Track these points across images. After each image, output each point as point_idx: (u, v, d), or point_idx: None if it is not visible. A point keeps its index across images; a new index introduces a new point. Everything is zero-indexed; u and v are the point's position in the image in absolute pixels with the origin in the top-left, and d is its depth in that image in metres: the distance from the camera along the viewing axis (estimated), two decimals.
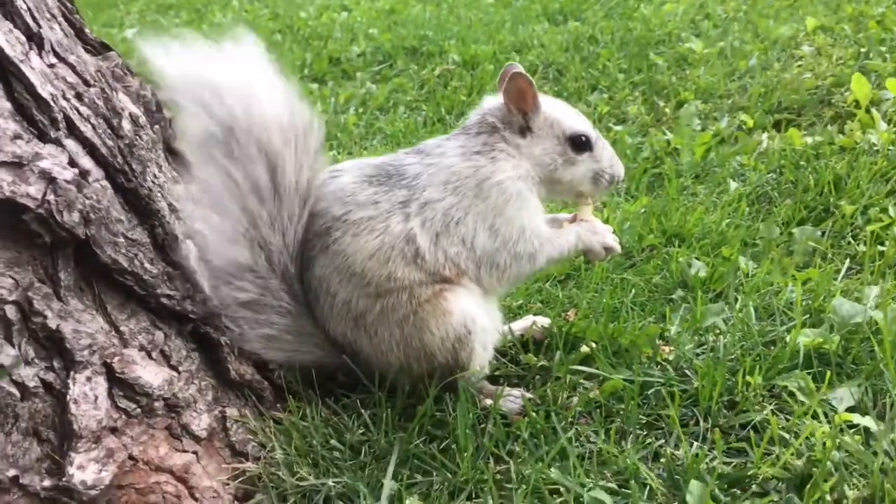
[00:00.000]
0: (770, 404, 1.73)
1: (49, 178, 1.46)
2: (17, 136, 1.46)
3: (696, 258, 2.34)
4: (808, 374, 1.79)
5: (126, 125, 1.77)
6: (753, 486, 1.52)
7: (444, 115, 4.12)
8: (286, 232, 1.70)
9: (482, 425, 1.73)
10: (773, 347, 1.90)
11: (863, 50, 3.89)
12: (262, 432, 1.71)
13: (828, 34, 4.31)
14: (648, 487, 1.53)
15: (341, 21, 6.33)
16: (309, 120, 1.71)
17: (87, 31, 1.94)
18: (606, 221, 2.21)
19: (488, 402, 1.80)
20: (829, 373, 1.76)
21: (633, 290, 2.19)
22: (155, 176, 1.83)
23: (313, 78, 5.10)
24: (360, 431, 1.72)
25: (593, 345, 1.93)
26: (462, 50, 4.98)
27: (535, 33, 5.22)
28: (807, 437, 1.60)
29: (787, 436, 1.63)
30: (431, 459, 1.65)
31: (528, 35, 5.19)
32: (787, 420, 1.69)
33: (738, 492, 1.52)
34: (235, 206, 1.67)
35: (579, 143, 1.83)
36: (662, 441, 1.67)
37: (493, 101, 1.85)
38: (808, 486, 1.48)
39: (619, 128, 3.64)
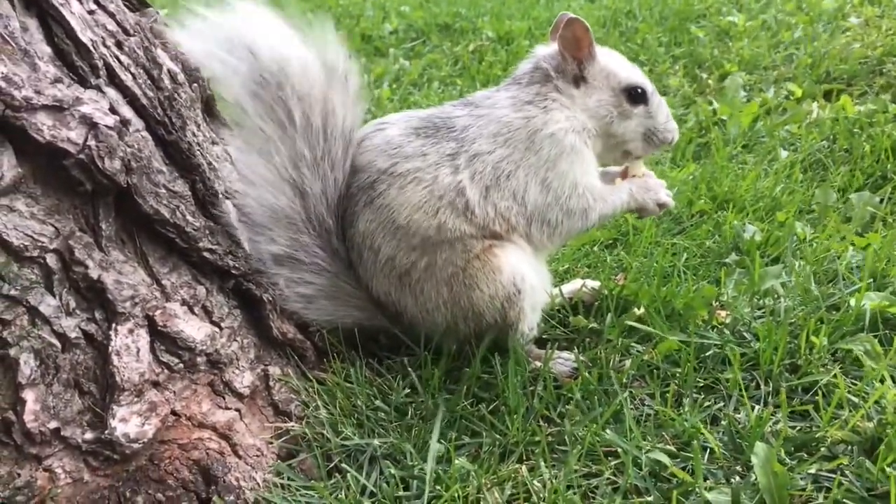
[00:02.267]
0: (835, 367, 1.65)
1: (90, 124, 1.41)
2: (57, 80, 1.41)
3: (750, 223, 2.25)
4: (874, 337, 1.71)
5: (166, 79, 1.72)
6: (821, 450, 1.45)
7: (479, 90, 4.05)
8: (326, 177, 1.65)
9: (531, 388, 1.67)
10: (835, 312, 1.82)
11: None
12: (305, 392, 1.66)
13: (875, 5, 4.18)
14: (709, 450, 1.46)
15: (373, 0, 6.27)
16: (345, 61, 1.67)
17: None
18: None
19: (537, 364, 1.74)
20: (895, 337, 1.67)
21: (685, 255, 2.11)
22: (194, 133, 1.78)
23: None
24: (406, 392, 1.67)
25: (645, 307, 1.86)
26: (496, 26, 4.90)
27: (571, 8, 5.12)
28: (876, 401, 1.52)
29: (854, 399, 1.55)
30: (480, 421, 1.60)
31: (564, 10, 5.08)
32: (854, 384, 1.61)
33: (805, 455, 1.44)
34: (282, 148, 1.63)
35: (635, 95, 1.75)
36: (721, 404, 1.60)
37: (546, 49, 1.77)
38: (880, 449, 1.40)
39: None
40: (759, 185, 2.49)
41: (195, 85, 1.93)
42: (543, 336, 1.89)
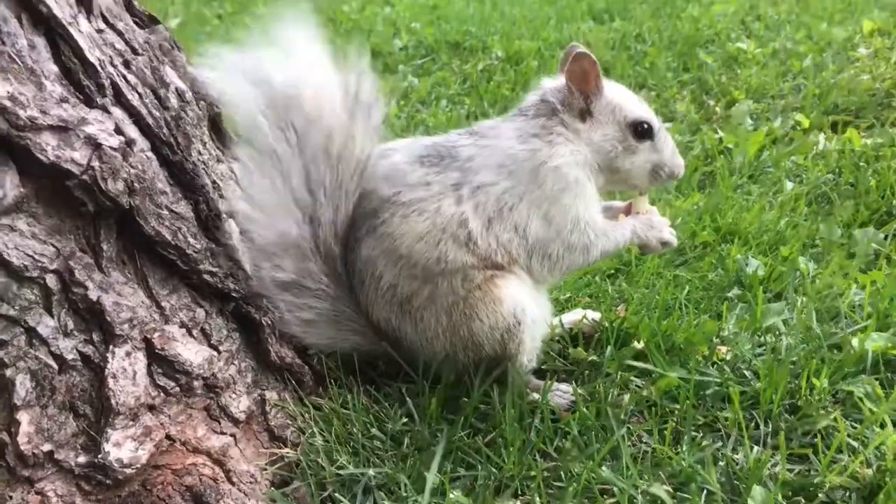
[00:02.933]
0: (836, 410, 1.63)
1: (94, 144, 1.41)
2: (63, 100, 1.41)
3: (753, 257, 2.24)
4: (876, 379, 1.70)
5: (173, 98, 1.72)
6: (819, 496, 1.43)
7: (486, 109, 4.05)
8: (339, 206, 1.64)
9: (529, 420, 1.66)
10: (837, 351, 1.81)
11: None
12: (301, 417, 1.65)
13: (885, 37, 4.18)
14: (706, 491, 1.45)
15: (384, 15, 6.29)
16: (373, 94, 1.65)
17: (135, 3, 1.90)
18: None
19: (535, 396, 1.73)
20: None
21: (687, 287, 2.10)
22: (199, 152, 1.79)
23: None
24: (403, 421, 1.66)
25: (646, 341, 1.85)
26: (506, 45, 4.91)
27: (581, 31, 5.13)
28: (877, 447, 1.51)
29: (854, 444, 1.54)
30: (476, 453, 1.59)
31: (574, 32, 5.10)
32: (854, 427, 1.60)
33: (803, 500, 1.43)
34: (299, 173, 1.62)
35: (641, 131, 1.75)
36: (720, 444, 1.59)
37: (552, 83, 1.77)
38: (879, 497, 1.39)
39: (667, 125, 3.54)
40: (764, 218, 2.48)
41: (202, 102, 1.93)
42: (542, 367, 1.88)
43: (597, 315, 1.98)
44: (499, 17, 5.74)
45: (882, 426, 1.58)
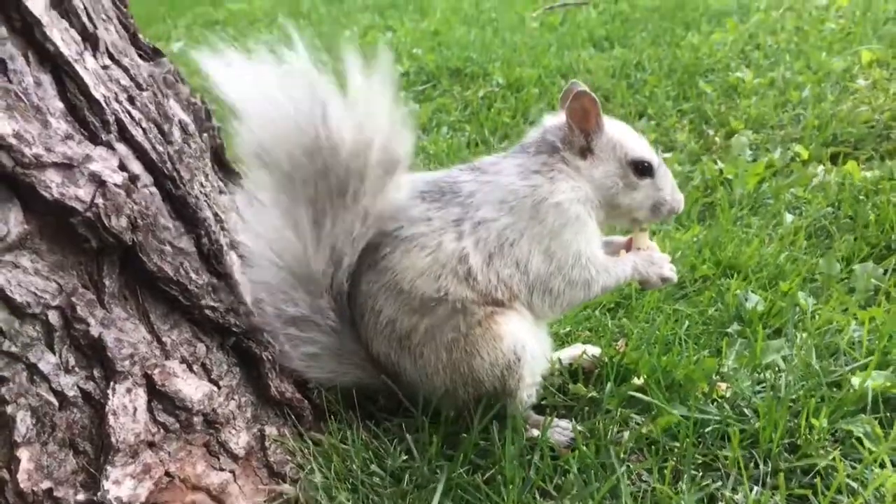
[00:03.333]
0: (835, 449, 1.63)
1: (99, 182, 1.42)
2: (68, 137, 1.42)
3: (753, 291, 2.25)
4: (875, 418, 1.70)
5: (176, 132, 1.74)
6: None
7: (487, 137, 4.07)
8: (357, 250, 1.65)
9: (528, 457, 1.66)
10: (836, 389, 1.81)
11: None
12: (300, 453, 1.65)
13: (884, 68, 4.20)
14: None
15: (386, 41, 6.33)
16: (407, 149, 1.63)
17: (140, 36, 1.92)
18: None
19: (535, 432, 1.73)
20: None
21: (687, 322, 2.10)
22: (202, 184, 1.80)
23: None
24: (402, 458, 1.65)
25: (645, 377, 1.85)
26: (506, 72, 4.94)
27: (581, 58, 5.16)
28: (876, 488, 1.51)
29: (854, 484, 1.54)
30: (476, 490, 1.58)
31: (574, 60, 5.13)
32: (854, 467, 1.60)
33: None
34: (334, 224, 1.60)
35: (642, 168, 1.76)
36: (720, 483, 1.59)
37: (554, 120, 1.78)
38: None
39: (667, 155, 3.56)
40: (763, 252, 2.49)
41: (205, 135, 1.95)
42: (542, 402, 1.88)
43: (596, 350, 1.98)
44: (500, 44, 5.77)
45: (882, 466, 1.58)
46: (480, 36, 6.10)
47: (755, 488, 1.56)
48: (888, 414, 1.73)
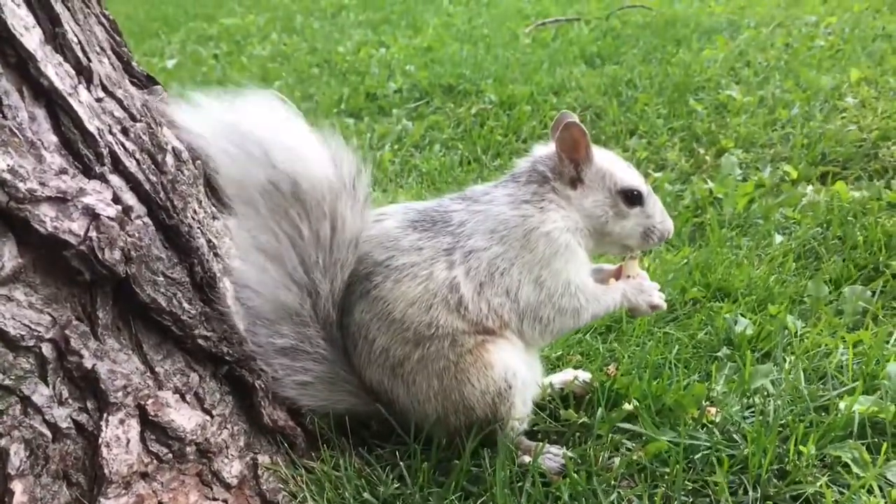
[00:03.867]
0: (823, 475, 1.65)
1: (92, 215, 1.44)
2: (62, 171, 1.44)
3: (742, 315, 2.27)
4: (863, 444, 1.71)
5: (169, 160, 1.75)
6: None
7: (479, 155, 4.10)
8: (335, 279, 1.67)
9: (520, 483, 1.67)
10: (824, 413, 1.83)
11: None
12: (293, 481, 1.66)
13: (872, 86, 4.25)
14: None
15: (378, 57, 6.37)
16: (355, 170, 1.66)
17: (133, 64, 1.94)
18: (648, 271, 2.15)
19: (526, 458, 1.74)
20: (884, 444, 1.68)
21: (677, 347, 2.12)
22: (195, 212, 1.81)
23: (349, 113, 5.12)
24: (395, 485, 1.66)
25: (636, 403, 1.86)
26: (499, 90, 4.98)
27: (573, 75, 5.21)
28: None
29: None
30: None
31: (566, 77, 5.17)
32: (842, 493, 1.61)
33: None
34: (293, 255, 1.63)
35: (631, 197, 1.78)
36: None
37: (544, 150, 1.81)
38: None
39: (658, 174, 3.59)
40: (753, 275, 2.51)
41: (198, 161, 1.96)
42: (534, 428, 1.89)
43: (587, 375, 2.00)
44: (492, 61, 5.81)
45: (870, 492, 1.60)
46: (473, 52, 6.15)
47: None
48: (875, 439, 1.74)
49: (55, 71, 1.49)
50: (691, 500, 1.63)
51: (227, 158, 1.58)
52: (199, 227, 1.78)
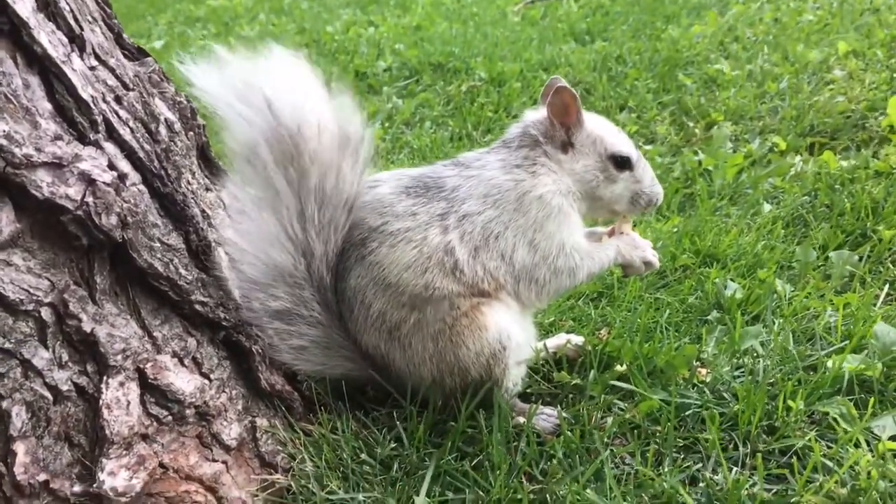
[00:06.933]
0: (811, 430, 1.69)
1: (88, 180, 1.45)
2: (57, 137, 1.45)
3: (732, 280, 2.30)
4: (850, 400, 1.75)
5: (163, 130, 1.76)
6: None
7: (470, 131, 4.11)
8: (329, 240, 1.68)
9: (515, 443, 1.70)
10: (812, 372, 1.86)
11: (895, 75, 3.85)
12: (291, 444, 1.68)
13: (860, 59, 4.27)
14: None
15: (368, 36, 6.35)
16: (361, 131, 1.68)
17: (125, 36, 1.94)
18: None
19: (520, 419, 1.77)
20: (871, 400, 1.71)
21: (668, 311, 2.15)
22: (188, 182, 1.82)
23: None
24: (391, 446, 1.69)
25: (628, 364, 1.89)
26: (489, 67, 4.97)
27: (563, 52, 5.21)
28: (850, 466, 1.56)
29: (829, 463, 1.59)
30: (463, 476, 1.62)
31: (555, 54, 5.18)
32: (830, 447, 1.65)
33: None
34: (291, 206, 1.64)
35: (621, 162, 1.80)
36: (700, 465, 1.63)
37: (535, 115, 1.83)
38: None
39: (648, 147, 3.61)
40: (742, 241, 2.54)
41: (191, 133, 1.97)
42: (528, 390, 1.92)
43: (580, 339, 2.03)
44: (481, 39, 5.81)
45: (856, 446, 1.63)
46: (462, 31, 6.14)
47: (734, 469, 1.61)
48: (863, 396, 1.78)
49: (48, 38, 1.49)
50: (683, 456, 1.66)
51: (233, 111, 1.60)
52: (192, 198, 1.79)
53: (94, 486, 1.39)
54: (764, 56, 4.59)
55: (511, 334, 1.71)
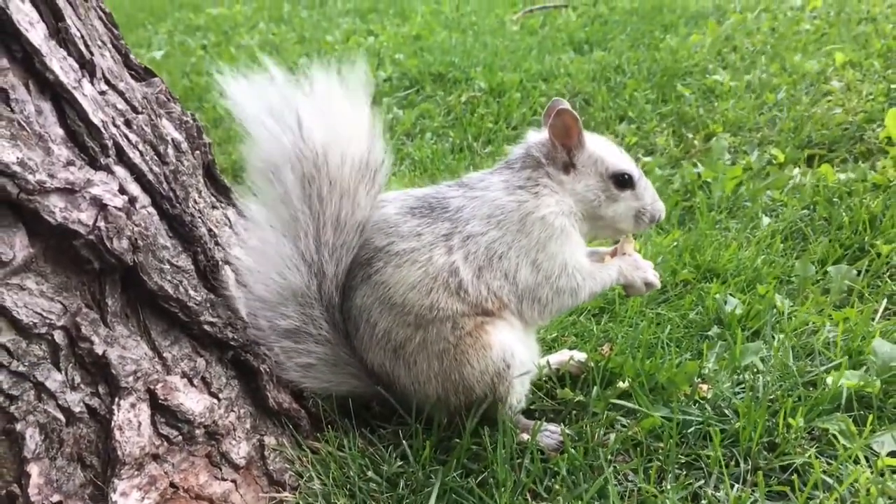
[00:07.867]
0: (811, 447, 1.71)
1: (100, 205, 1.47)
2: (69, 163, 1.47)
3: (732, 295, 2.33)
4: (849, 416, 1.77)
5: (170, 151, 1.79)
6: None
7: (471, 142, 4.14)
8: (340, 261, 1.72)
9: (519, 460, 1.72)
10: (812, 388, 1.89)
11: (893, 86, 3.88)
12: (299, 461, 1.71)
13: (857, 69, 4.31)
14: None
15: (367, 46, 6.38)
16: (381, 158, 1.74)
17: (132, 56, 1.97)
18: (639, 254, 2.20)
19: (525, 436, 1.79)
20: (870, 416, 1.74)
21: (669, 326, 2.17)
22: (195, 201, 1.85)
23: None
24: (398, 464, 1.71)
25: (630, 381, 1.92)
26: (489, 77, 5.00)
27: (562, 62, 5.24)
28: (850, 483, 1.58)
29: (829, 480, 1.61)
30: (469, 493, 1.65)
31: (555, 63, 5.21)
32: (829, 464, 1.67)
33: None
34: (310, 235, 1.69)
35: (622, 181, 1.83)
36: (702, 482, 1.66)
37: (537, 136, 1.86)
38: None
39: (648, 159, 3.64)
40: (741, 256, 2.57)
41: (197, 152, 2.00)
42: (531, 406, 1.94)
43: (583, 356, 2.05)
44: (481, 48, 5.83)
45: (856, 462, 1.66)
46: (462, 40, 6.17)
47: (736, 486, 1.63)
48: (862, 412, 1.81)
49: (60, 65, 1.52)
50: (685, 472, 1.69)
51: (262, 126, 1.65)
52: (199, 217, 1.82)
53: None
54: (762, 66, 4.62)
55: (515, 352, 1.73)
